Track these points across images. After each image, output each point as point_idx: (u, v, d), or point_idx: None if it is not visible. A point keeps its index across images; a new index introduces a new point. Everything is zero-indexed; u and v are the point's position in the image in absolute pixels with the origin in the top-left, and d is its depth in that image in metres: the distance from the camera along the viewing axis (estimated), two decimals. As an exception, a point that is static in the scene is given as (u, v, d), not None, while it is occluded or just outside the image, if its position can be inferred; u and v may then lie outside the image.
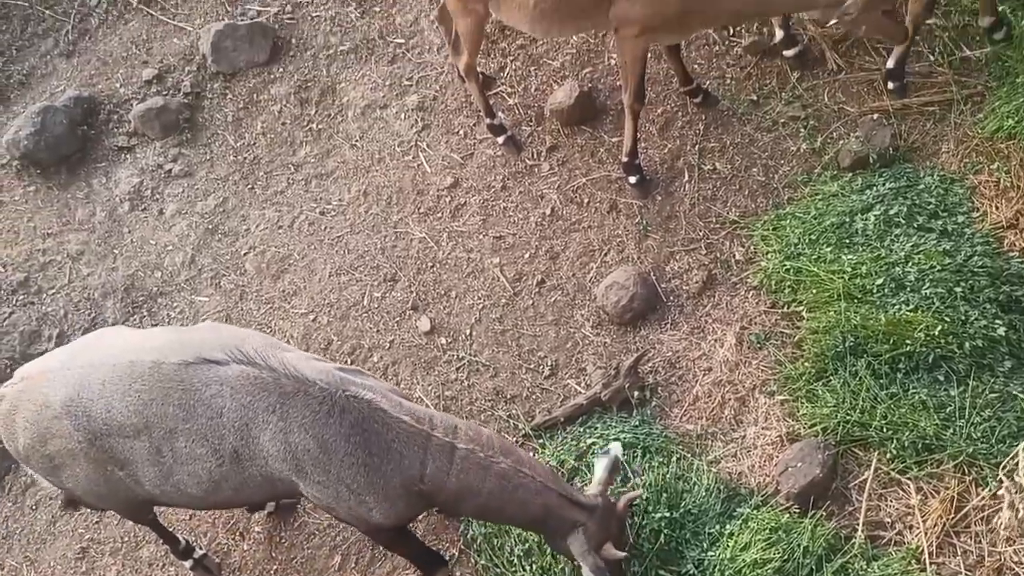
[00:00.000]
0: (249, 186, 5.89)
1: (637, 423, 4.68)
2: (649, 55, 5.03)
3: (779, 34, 5.39)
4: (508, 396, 4.96)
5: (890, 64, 5.19)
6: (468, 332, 5.17)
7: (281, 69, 6.20)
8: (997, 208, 4.81)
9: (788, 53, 5.43)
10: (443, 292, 5.31)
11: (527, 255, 5.30)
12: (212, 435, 3.63)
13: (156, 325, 5.50)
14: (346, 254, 5.52)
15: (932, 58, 5.34)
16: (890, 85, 5.25)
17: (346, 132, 5.93)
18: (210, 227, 5.78)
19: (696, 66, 5.57)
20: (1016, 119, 4.92)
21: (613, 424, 4.68)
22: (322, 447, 3.59)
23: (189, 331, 4.13)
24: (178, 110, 6.09)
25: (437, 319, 5.23)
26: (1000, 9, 5.22)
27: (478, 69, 5.45)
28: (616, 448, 4.02)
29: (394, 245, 5.48)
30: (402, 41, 6.10)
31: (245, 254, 5.67)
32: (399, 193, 5.64)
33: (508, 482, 3.69)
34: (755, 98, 5.47)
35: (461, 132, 5.75)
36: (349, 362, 5.19)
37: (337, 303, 5.40)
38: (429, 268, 5.39)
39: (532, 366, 5.02)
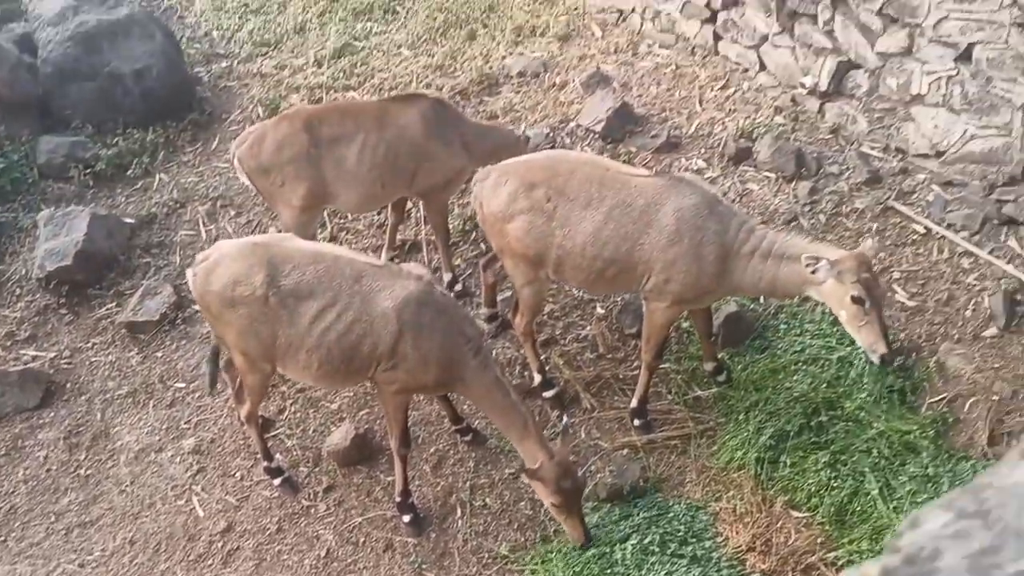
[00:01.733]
0: (1, 539, 5.52)
1: None
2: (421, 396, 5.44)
3: (537, 378, 5.98)
4: None
5: (633, 403, 5.83)
6: None
7: (52, 414, 6.10)
8: (737, 532, 5.29)
9: (547, 394, 5.99)
10: (209, 647, 5.03)
11: (301, 601, 5.19)
12: None
13: None
14: (104, 610, 5.18)
15: (670, 397, 6.04)
16: (636, 422, 5.84)
17: (116, 477, 5.79)
18: (-52, 587, 5.30)
19: (465, 407, 6.00)
20: (743, 451, 5.57)
21: None
22: None
23: None
24: (-71, 459, 5.78)
25: None
26: (720, 356, 6.08)
27: (259, 412, 5.62)
28: None
29: (159, 597, 5.22)
30: (183, 385, 6.23)
31: (-14, 617, 5.19)
32: (168, 540, 5.47)
33: None
34: (520, 436, 5.91)
35: (238, 475, 5.76)
36: None
37: (89, 668, 4.97)
38: (195, 621, 5.13)
39: None
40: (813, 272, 4.77)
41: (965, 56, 5.96)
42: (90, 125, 7.90)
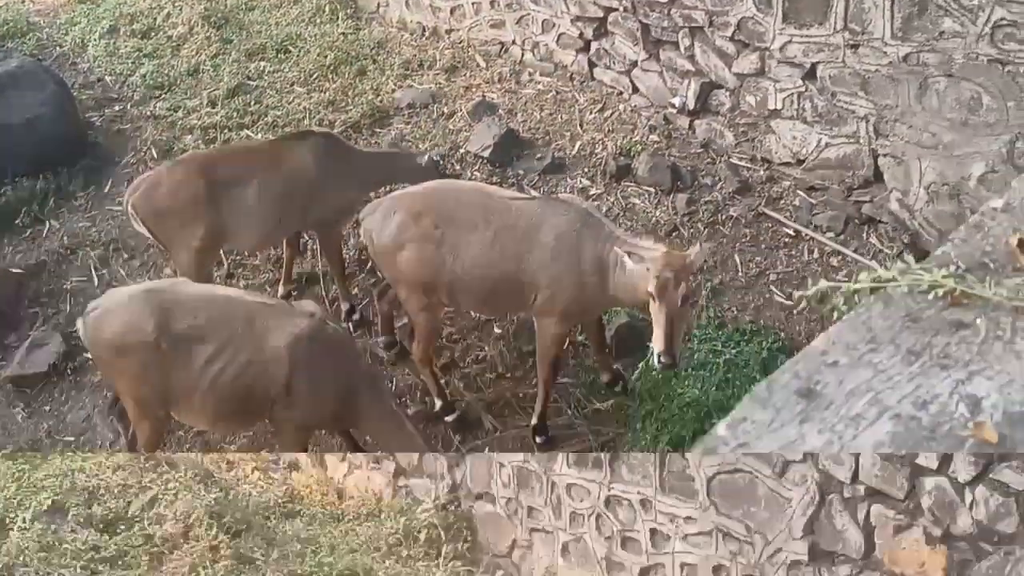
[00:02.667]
0: None
1: None
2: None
3: (438, 403, 6.09)
4: None
5: (534, 421, 5.97)
6: None
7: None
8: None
9: (449, 418, 6.09)
10: None
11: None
12: None
13: None
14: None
15: (570, 412, 6.19)
16: (538, 440, 5.96)
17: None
18: None
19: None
20: (642, 460, 5.79)
21: None
22: None
23: None
24: None
25: None
26: (615, 367, 6.29)
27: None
28: None
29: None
30: (71, 439, 6.09)
31: None
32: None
33: None
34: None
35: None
36: None
37: None
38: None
39: None
40: (628, 256, 4.91)
41: (811, 74, 6.49)
42: (-22, 178, 7.75)
